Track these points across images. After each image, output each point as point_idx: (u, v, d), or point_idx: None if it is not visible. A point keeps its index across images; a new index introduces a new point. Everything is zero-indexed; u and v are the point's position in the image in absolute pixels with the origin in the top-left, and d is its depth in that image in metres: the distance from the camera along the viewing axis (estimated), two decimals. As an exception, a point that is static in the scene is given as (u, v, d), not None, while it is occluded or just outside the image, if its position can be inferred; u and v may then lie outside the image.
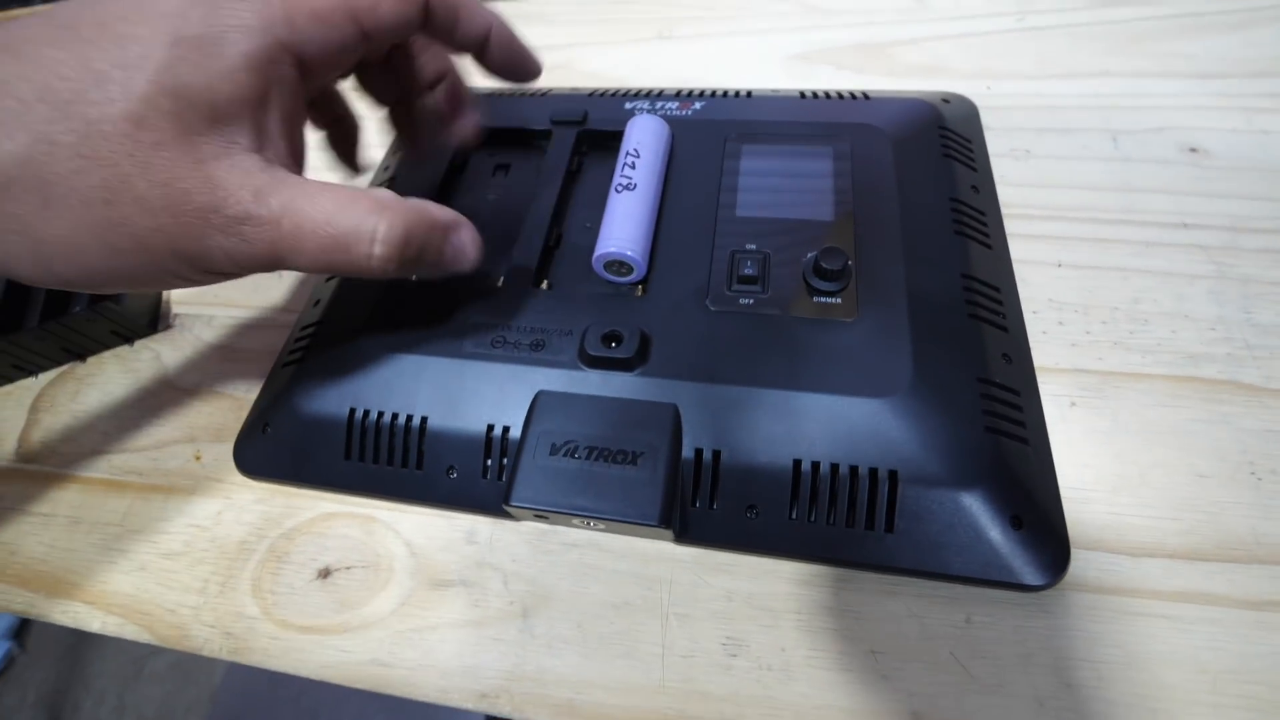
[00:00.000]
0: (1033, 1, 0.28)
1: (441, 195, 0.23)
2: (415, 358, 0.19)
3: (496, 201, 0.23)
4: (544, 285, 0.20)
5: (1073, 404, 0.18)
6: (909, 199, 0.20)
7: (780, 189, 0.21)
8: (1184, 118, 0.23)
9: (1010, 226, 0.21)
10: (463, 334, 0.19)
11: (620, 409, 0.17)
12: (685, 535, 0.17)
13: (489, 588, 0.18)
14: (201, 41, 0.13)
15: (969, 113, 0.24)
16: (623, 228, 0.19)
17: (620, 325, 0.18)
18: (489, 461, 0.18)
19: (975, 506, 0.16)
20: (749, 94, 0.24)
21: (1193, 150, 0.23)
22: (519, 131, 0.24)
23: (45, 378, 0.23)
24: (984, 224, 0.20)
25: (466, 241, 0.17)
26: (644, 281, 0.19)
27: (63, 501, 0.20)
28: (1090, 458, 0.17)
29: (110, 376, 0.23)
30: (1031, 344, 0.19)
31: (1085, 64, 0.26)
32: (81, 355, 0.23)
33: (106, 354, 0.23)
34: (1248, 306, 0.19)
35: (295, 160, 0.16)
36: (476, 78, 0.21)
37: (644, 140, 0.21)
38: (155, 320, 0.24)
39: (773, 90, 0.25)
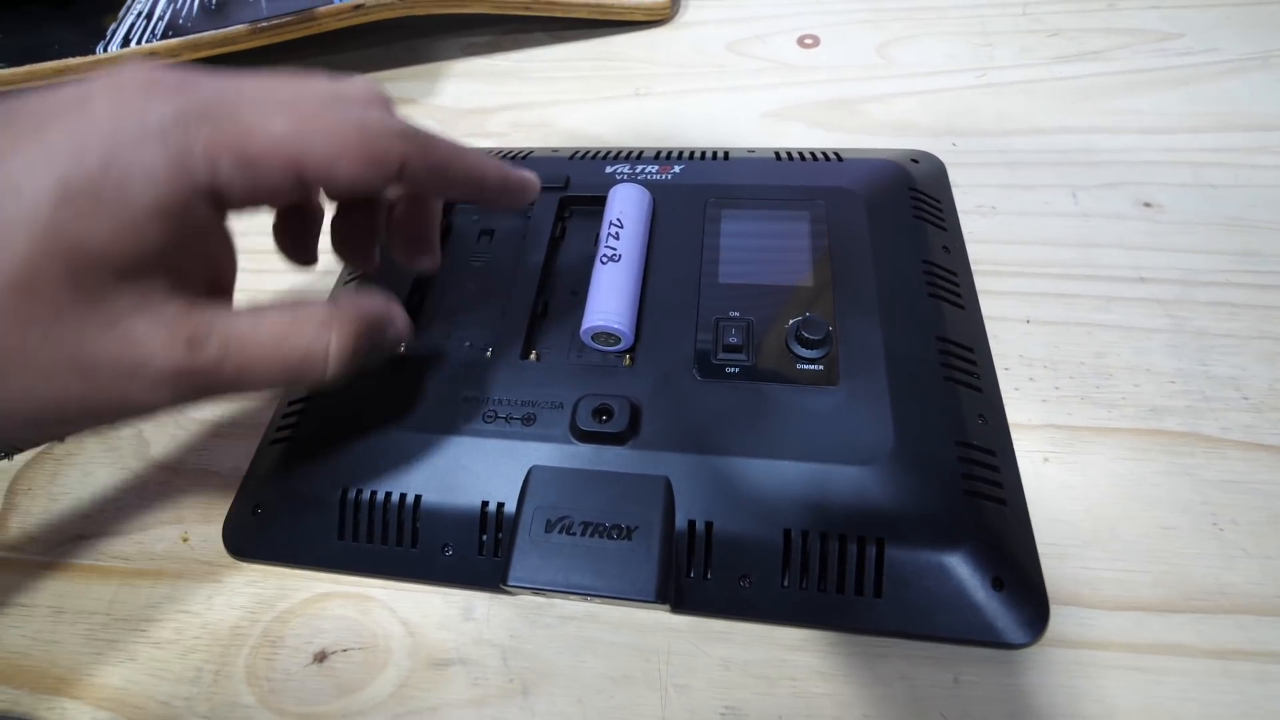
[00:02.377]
0: (992, 58, 0.30)
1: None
2: (407, 434, 0.19)
3: (482, 269, 0.23)
4: (533, 356, 0.20)
5: (1045, 460, 0.19)
6: (884, 262, 0.21)
7: (760, 254, 0.22)
8: (1136, 173, 0.25)
9: (980, 283, 0.22)
10: (455, 409, 0.19)
11: (613, 483, 0.18)
12: (681, 605, 0.17)
13: (488, 665, 0.18)
14: (98, 190, 0.11)
15: (937, 171, 0.25)
16: (609, 300, 0.20)
17: (610, 397, 0.18)
18: (484, 538, 0.18)
19: (958, 569, 0.16)
20: (726, 155, 0.25)
21: (1146, 205, 0.24)
22: (504, 198, 0.24)
23: (21, 459, 0.23)
24: (956, 284, 0.21)
25: (400, 325, 0.16)
26: (631, 351, 0.20)
27: (45, 590, 0.20)
28: (1063, 513, 0.18)
29: (90, 455, 0.23)
30: (1005, 401, 0.20)
31: (1043, 120, 0.27)
32: (59, 435, 0.23)
33: (85, 432, 0.23)
34: (1204, 359, 0.20)
35: (223, 286, 0.15)
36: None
37: (626, 210, 0.22)
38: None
39: (749, 150, 0.26)
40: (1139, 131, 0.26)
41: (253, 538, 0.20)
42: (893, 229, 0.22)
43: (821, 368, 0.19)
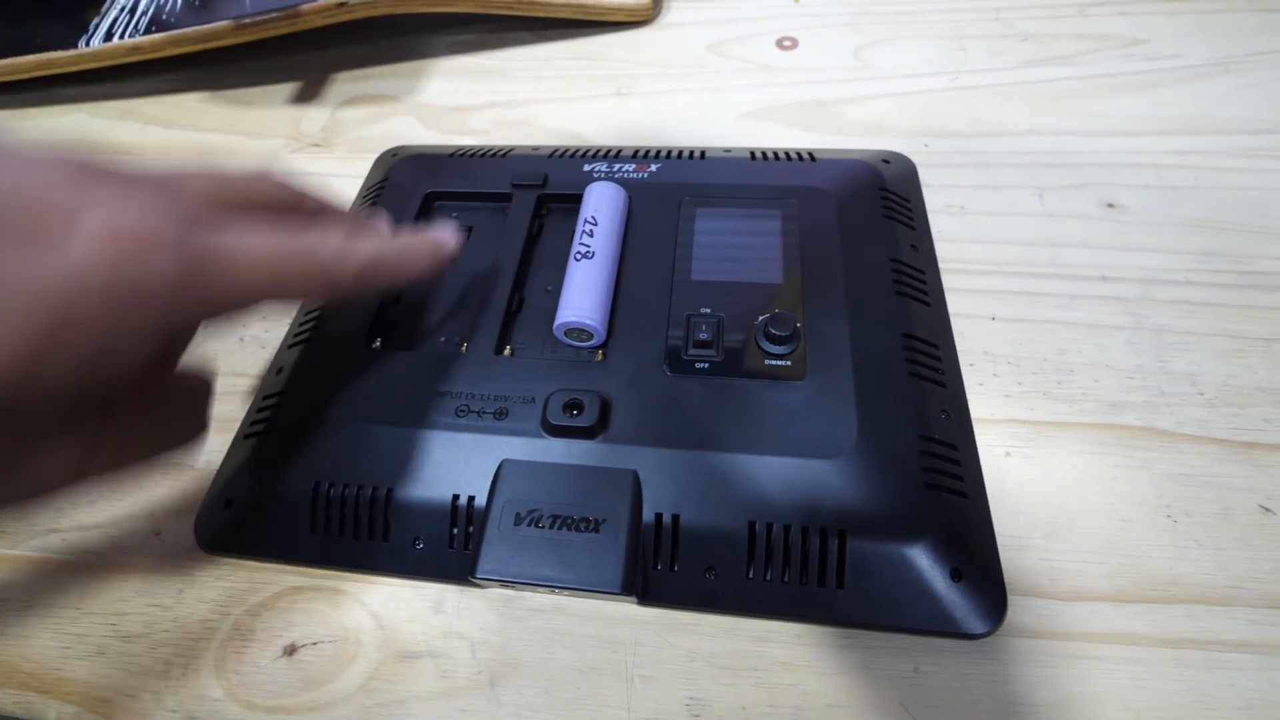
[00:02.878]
0: (965, 62, 0.30)
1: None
2: (380, 428, 0.19)
3: (460, 264, 0.23)
4: (507, 351, 0.21)
5: (1008, 454, 0.19)
6: (852, 260, 0.21)
7: (732, 252, 0.22)
8: (1102, 174, 0.25)
9: (948, 281, 0.23)
10: (427, 403, 0.19)
11: (582, 476, 0.18)
12: (648, 597, 0.17)
13: (457, 657, 0.18)
14: (79, 349, 0.11)
15: (908, 172, 0.25)
16: (581, 296, 0.20)
17: (581, 392, 0.19)
18: (455, 531, 0.18)
19: (918, 561, 0.17)
20: (703, 154, 0.26)
21: (1110, 205, 0.25)
22: (481, 194, 0.25)
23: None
24: (923, 282, 0.22)
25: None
26: (604, 346, 0.20)
27: (14, 584, 0.20)
28: (1024, 506, 0.19)
29: (65, 449, 0.22)
30: (969, 396, 0.20)
31: (1013, 123, 0.27)
32: (34, 428, 0.23)
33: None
34: (1161, 355, 0.21)
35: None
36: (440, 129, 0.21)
37: (601, 207, 0.22)
38: (113, 390, 0.24)
39: (725, 150, 0.26)
40: (1105, 134, 0.27)
41: (224, 532, 0.20)
42: (862, 228, 0.22)
43: (789, 363, 0.19)
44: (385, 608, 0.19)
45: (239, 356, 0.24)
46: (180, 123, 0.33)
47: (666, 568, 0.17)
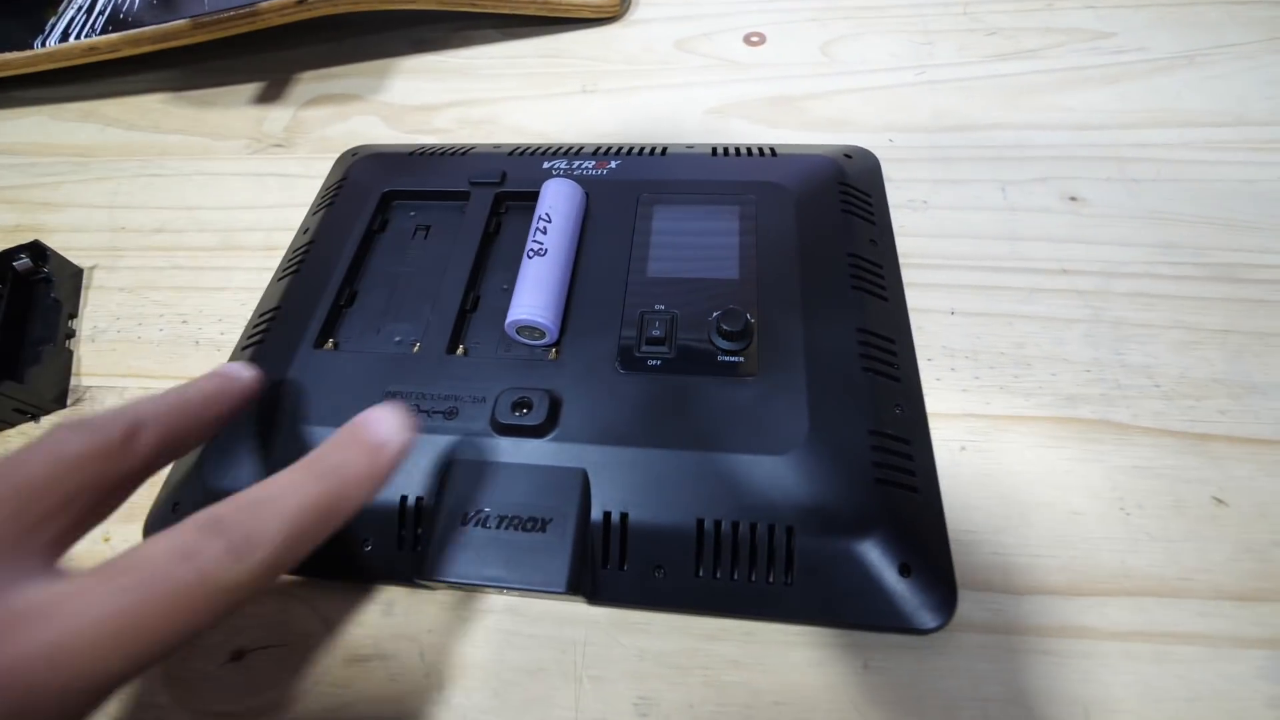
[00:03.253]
0: (932, 56, 0.30)
1: (359, 258, 0.23)
2: (329, 430, 0.19)
3: (416, 263, 0.23)
4: (459, 350, 0.20)
5: (963, 448, 0.19)
6: (809, 255, 0.21)
7: (689, 248, 0.22)
8: (1064, 168, 0.25)
9: (908, 276, 0.23)
10: (377, 403, 0.19)
11: (530, 476, 0.18)
12: (597, 596, 0.17)
13: (405, 660, 0.18)
14: None
15: (870, 166, 0.25)
16: (533, 294, 0.20)
17: (530, 390, 0.18)
18: (404, 532, 0.18)
19: (867, 556, 0.17)
20: (664, 151, 0.25)
21: (1073, 199, 0.24)
22: (439, 193, 0.24)
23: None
24: (880, 277, 0.22)
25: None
26: (557, 344, 0.20)
27: (-40, 592, 0.20)
28: (978, 500, 0.19)
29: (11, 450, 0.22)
30: (926, 391, 0.20)
31: (978, 117, 0.27)
32: (-16, 434, 0.23)
33: (11, 432, 0.23)
34: (1119, 348, 0.21)
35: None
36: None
37: (556, 205, 0.22)
38: (63, 395, 0.23)
39: (687, 146, 0.26)
40: (1069, 128, 0.27)
41: (172, 536, 0.19)
42: (820, 223, 0.22)
43: (741, 359, 0.19)
44: (334, 611, 0.18)
45: (194, 359, 0.24)
46: (141, 124, 0.33)
47: (615, 566, 0.17)
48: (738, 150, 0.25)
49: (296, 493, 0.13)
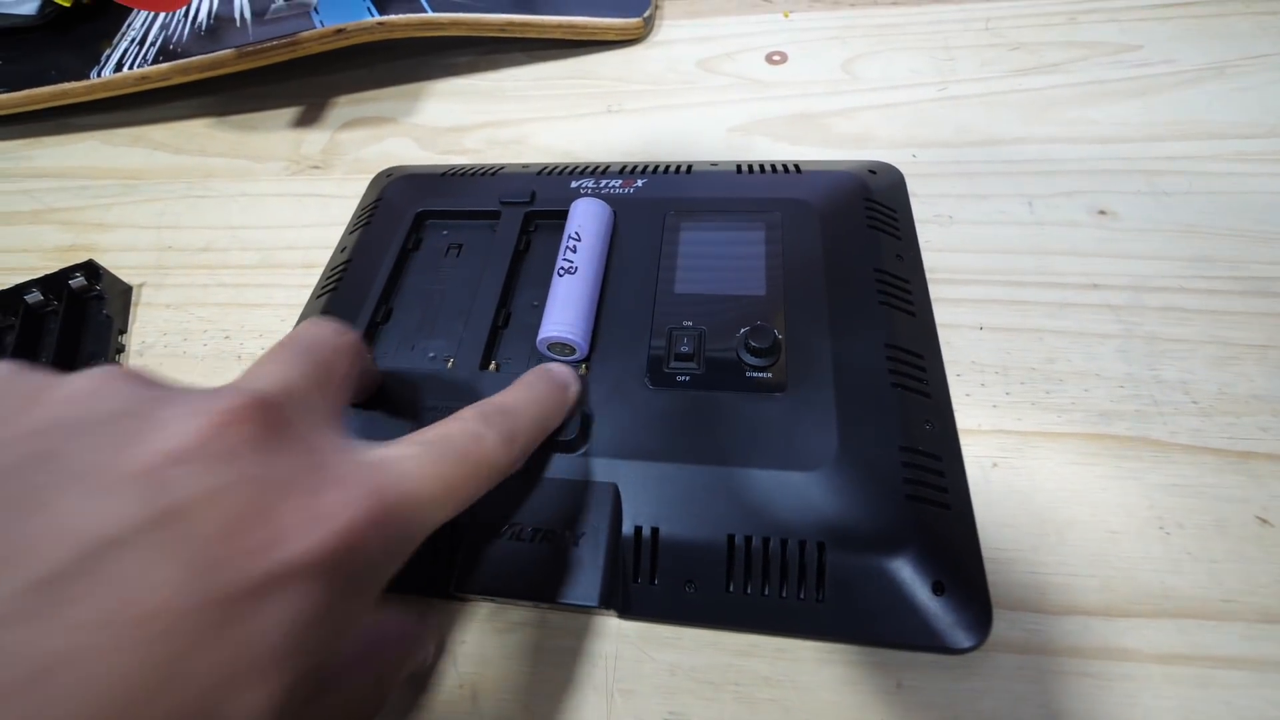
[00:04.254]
0: (954, 72, 0.30)
1: (394, 276, 0.24)
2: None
3: (449, 281, 0.24)
4: (492, 366, 0.21)
5: (994, 465, 0.19)
6: (835, 271, 0.21)
7: (716, 265, 0.22)
8: (1092, 181, 0.25)
9: (935, 291, 0.23)
10: (413, 418, 0.20)
11: (563, 490, 0.18)
12: (628, 611, 0.17)
13: (440, 671, 0.18)
14: None
15: (895, 181, 0.25)
16: (564, 311, 0.20)
17: (563, 406, 0.19)
18: (438, 545, 0.18)
19: (900, 573, 0.16)
20: (689, 169, 0.26)
21: (1101, 213, 0.24)
22: (470, 213, 0.25)
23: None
24: (908, 292, 0.22)
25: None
26: (587, 360, 0.20)
27: None
28: (1011, 518, 0.18)
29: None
30: (955, 407, 0.20)
31: (1002, 131, 0.27)
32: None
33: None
34: (1153, 364, 0.21)
35: None
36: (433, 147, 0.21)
37: (585, 224, 0.22)
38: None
39: (712, 164, 0.26)
40: (1096, 141, 0.26)
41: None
42: (846, 238, 0.22)
43: (770, 375, 0.19)
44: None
45: (236, 373, 0.25)
46: (187, 148, 0.34)
47: (646, 581, 0.17)
48: (762, 167, 0.25)
49: (530, 406, 0.17)
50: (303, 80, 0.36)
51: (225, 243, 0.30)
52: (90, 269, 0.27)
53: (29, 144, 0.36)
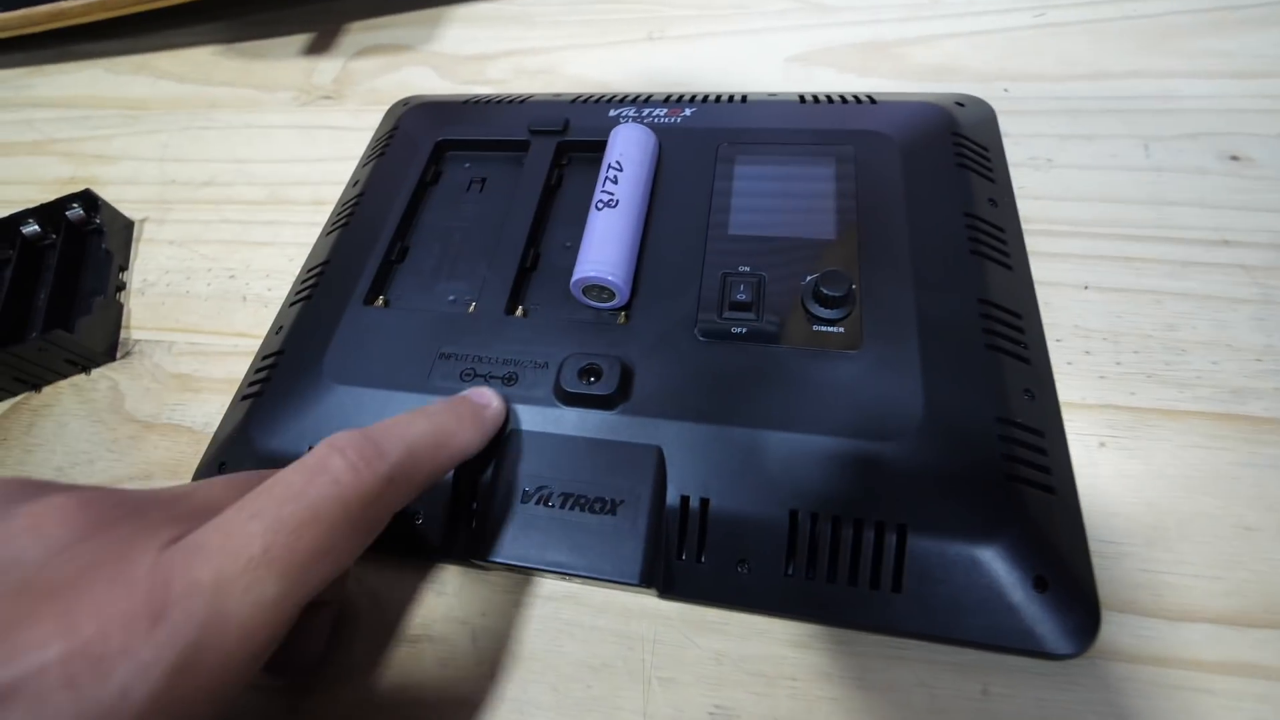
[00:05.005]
0: (1053, -5, 0.26)
1: (410, 211, 0.21)
2: (379, 392, 0.17)
3: (471, 218, 0.21)
4: (519, 312, 0.18)
5: (1102, 444, 0.16)
6: (919, 214, 0.18)
7: (777, 204, 0.19)
8: (1222, 122, 0.21)
9: (1031, 244, 0.20)
10: (431, 366, 0.18)
11: (599, 451, 0.16)
12: (670, 590, 0.15)
13: (457, 644, 0.16)
14: None
15: (986, 117, 0.22)
16: (603, 249, 0.18)
17: (599, 356, 0.16)
18: (457, 506, 0.16)
19: (994, 565, 0.14)
20: (744, 98, 0.23)
21: (1234, 158, 0.21)
22: (495, 142, 0.22)
23: (0, 408, 0.22)
24: (1003, 242, 0.19)
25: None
26: (627, 308, 0.18)
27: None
28: (1122, 506, 0.16)
29: (66, 408, 0.22)
30: (1056, 376, 0.17)
31: (1111, 64, 0.24)
32: (36, 385, 0.22)
33: (63, 383, 0.22)
34: (1297, 333, 0.17)
35: None
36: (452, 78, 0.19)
37: (628, 151, 0.19)
38: (113, 348, 0.23)
39: (769, 94, 0.23)
40: (1226, 76, 0.22)
41: (217, 497, 0.18)
42: (932, 177, 0.19)
43: (842, 330, 0.16)
44: (382, 586, 0.17)
45: (241, 314, 0.23)
46: (192, 76, 0.32)
47: (692, 558, 0.15)
48: (829, 98, 0.22)
49: (412, 423, 0.14)
50: (313, 5, 0.33)
51: (230, 176, 0.27)
52: (88, 199, 0.25)
53: (29, 72, 0.34)
